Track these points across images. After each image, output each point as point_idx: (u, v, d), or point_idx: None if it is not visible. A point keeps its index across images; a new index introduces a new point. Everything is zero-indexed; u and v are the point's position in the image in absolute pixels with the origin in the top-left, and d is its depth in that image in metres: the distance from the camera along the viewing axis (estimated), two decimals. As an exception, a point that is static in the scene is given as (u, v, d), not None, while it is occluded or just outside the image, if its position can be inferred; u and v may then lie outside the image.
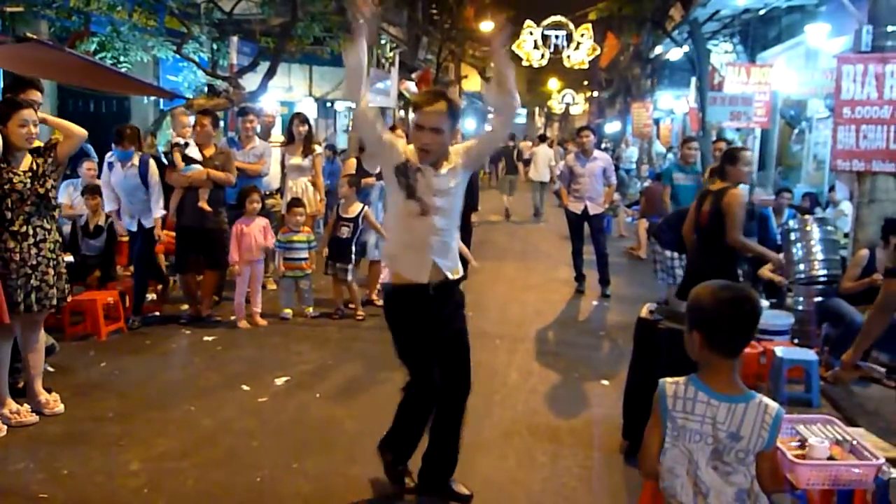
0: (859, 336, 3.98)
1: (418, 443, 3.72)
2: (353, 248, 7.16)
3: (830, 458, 3.19)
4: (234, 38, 11.49)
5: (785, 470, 3.09)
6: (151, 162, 6.65)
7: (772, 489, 2.35)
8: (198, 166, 6.77)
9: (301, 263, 7.14)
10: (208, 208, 6.75)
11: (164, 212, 6.72)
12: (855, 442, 3.35)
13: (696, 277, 3.21)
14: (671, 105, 23.30)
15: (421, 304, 3.49)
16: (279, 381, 5.45)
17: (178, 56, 10.84)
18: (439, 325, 3.55)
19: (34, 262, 4.48)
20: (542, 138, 20.33)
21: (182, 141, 6.93)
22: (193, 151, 6.87)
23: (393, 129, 7.78)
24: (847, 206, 8.50)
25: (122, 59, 10.25)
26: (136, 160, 6.55)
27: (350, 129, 14.33)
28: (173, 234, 7.29)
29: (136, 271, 6.93)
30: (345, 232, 7.15)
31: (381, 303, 7.73)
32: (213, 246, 6.86)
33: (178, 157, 6.75)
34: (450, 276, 3.56)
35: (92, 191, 7.01)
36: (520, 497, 3.86)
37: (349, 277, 7.21)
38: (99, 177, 7.17)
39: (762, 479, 2.29)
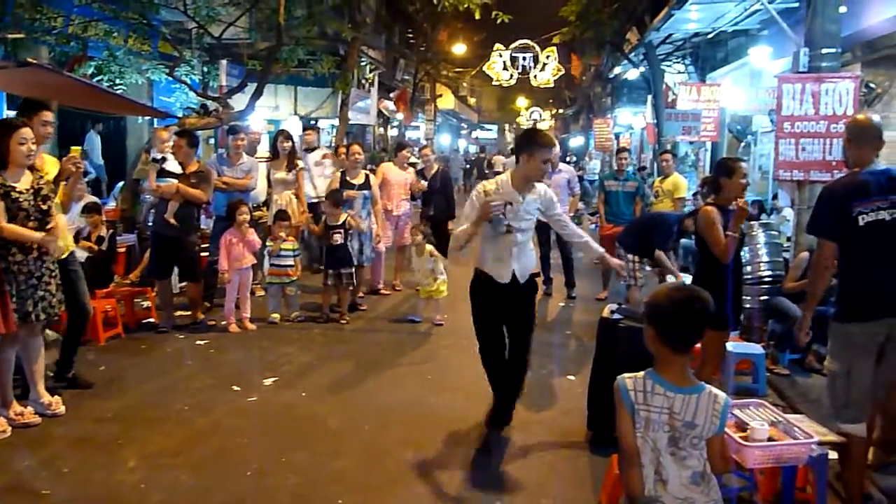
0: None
1: (505, 385, 4.50)
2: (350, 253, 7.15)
3: (770, 438, 3.29)
4: (224, 62, 11.44)
5: (732, 451, 3.16)
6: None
7: (721, 470, 2.40)
8: (172, 180, 6.59)
9: (287, 270, 7.10)
10: (173, 221, 6.55)
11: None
12: (786, 422, 3.46)
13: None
14: (630, 121, 23.52)
15: (496, 291, 4.29)
16: (267, 382, 5.42)
17: (170, 78, 10.75)
18: (507, 304, 4.33)
19: (39, 274, 4.43)
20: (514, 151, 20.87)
21: (160, 156, 6.82)
22: (173, 166, 6.74)
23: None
24: (789, 213, 8.63)
25: (118, 81, 10.17)
26: None
27: (333, 144, 14.27)
28: None
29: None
30: (338, 239, 7.09)
31: (365, 307, 7.73)
32: (184, 259, 6.74)
33: (153, 171, 6.67)
34: (520, 277, 4.32)
35: (90, 209, 6.82)
36: (494, 483, 3.87)
37: (355, 281, 7.30)
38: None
39: (712, 460, 2.34)
